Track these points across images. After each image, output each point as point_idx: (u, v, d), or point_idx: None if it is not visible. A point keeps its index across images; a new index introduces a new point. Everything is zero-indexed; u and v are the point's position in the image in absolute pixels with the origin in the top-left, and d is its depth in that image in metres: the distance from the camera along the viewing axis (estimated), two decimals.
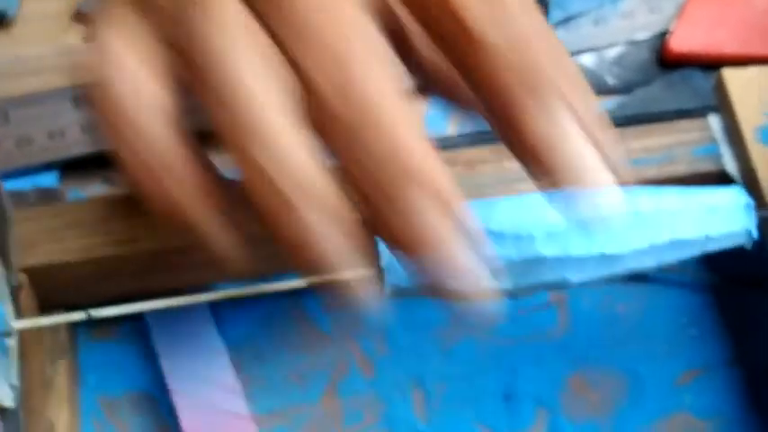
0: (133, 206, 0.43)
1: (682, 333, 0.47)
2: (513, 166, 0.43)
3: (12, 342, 0.38)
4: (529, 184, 0.43)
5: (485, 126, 0.51)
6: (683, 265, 0.48)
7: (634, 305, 0.48)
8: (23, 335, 0.39)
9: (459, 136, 0.51)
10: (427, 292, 0.34)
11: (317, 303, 0.48)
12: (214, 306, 0.47)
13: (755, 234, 0.37)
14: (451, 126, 0.52)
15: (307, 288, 0.47)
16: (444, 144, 0.49)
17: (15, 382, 0.37)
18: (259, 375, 0.46)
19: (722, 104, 0.45)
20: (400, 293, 0.36)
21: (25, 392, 0.38)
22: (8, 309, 0.38)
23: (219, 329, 0.47)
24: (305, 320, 0.48)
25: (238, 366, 0.46)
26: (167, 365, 0.45)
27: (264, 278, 0.42)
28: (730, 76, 0.45)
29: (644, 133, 0.46)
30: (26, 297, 0.42)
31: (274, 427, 0.45)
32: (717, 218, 0.38)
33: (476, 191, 0.44)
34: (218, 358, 0.46)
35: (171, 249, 0.43)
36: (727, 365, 0.47)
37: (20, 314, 0.39)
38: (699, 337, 0.47)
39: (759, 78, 0.45)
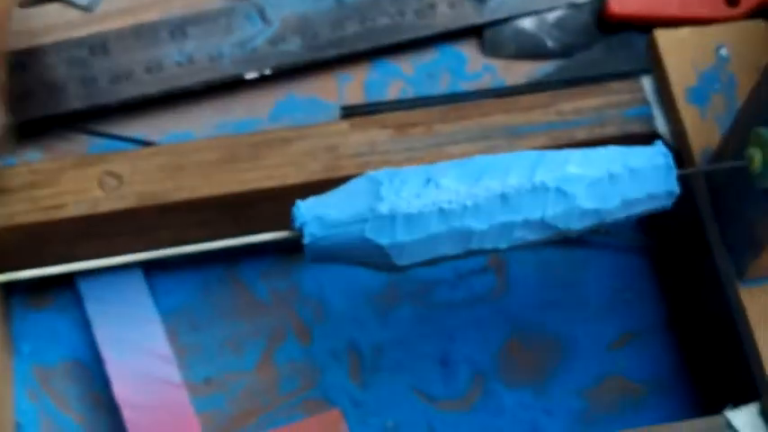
0: (61, 172, 0.43)
1: (617, 296, 0.47)
2: (443, 129, 0.43)
3: None
4: (458, 147, 0.43)
5: (425, 92, 0.52)
6: (619, 228, 0.48)
7: (570, 269, 0.48)
8: None
9: (397, 101, 0.51)
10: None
11: (254, 271, 0.48)
12: (148, 275, 0.47)
13: (677, 191, 0.37)
14: (392, 91, 0.52)
15: (243, 256, 0.48)
16: (379, 108, 0.49)
17: None
18: (194, 343, 0.46)
19: (654, 65, 0.45)
20: (320, 256, 0.36)
21: None
22: None
23: (154, 298, 0.47)
24: (241, 288, 0.47)
25: (173, 335, 0.46)
26: (100, 334, 0.45)
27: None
28: (662, 36, 0.45)
29: (576, 95, 0.46)
30: None
31: (209, 395, 0.45)
32: (639, 178, 0.37)
33: (406, 153, 0.44)
34: (151, 327, 0.46)
35: (99, 216, 0.42)
36: (661, 328, 0.47)
37: None
38: (633, 300, 0.47)
39: (692, 39, 0.45)
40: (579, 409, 0.45)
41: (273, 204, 0.43)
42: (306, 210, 0.36)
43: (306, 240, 0.35)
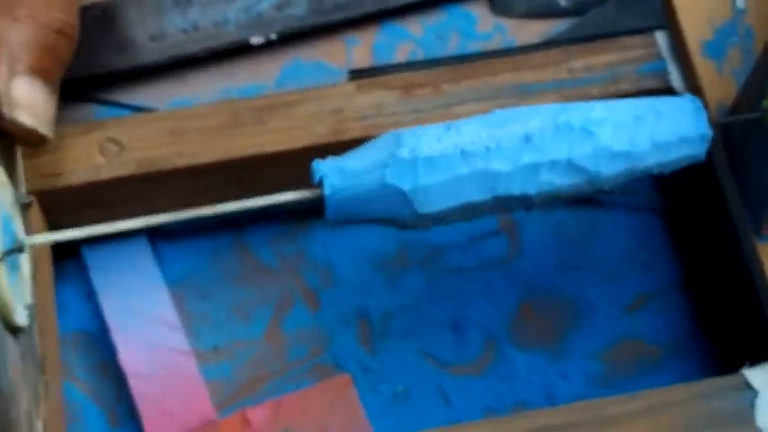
0: (61, 140, 0.42)
1: (632, 258, 0.47)
2: (450, 89, 0.43)
3: (24, 259, 0.37)
4: (467, 107, 0.42)
5: (434, 53, 0.51)
6: (634, 188, 0.47)
7: (584, 230, 0.48)
8: None
9: (406, 63, 0.50)
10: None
11: (262, 237, 0.47)
12: (154, 243, 0.47)
13: (710, 133, 0.36)
14: (400, 53, 0.51)
15: (250, 223, 0.47)
16: (387, 71, 0.48)
17: (30, 299, 0.37)
18: (201, 311, 0.46)
19: (669, 20, 0.44)
20: (342, 211, 0.36)
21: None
22: (19, 226, 0.37)
23: (160, 266, 0.46)
24: (248, 255, 0.47)
25: (180, 302, 0.46)
26: (106, 304, 0.45)
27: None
28: None
29: (588, 52, 0.45)
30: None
31: (217, 363, 0.45)
32: (669, 121, 0.37)
33: (414, 115, 0.43)
34: (158, 295, 0.46)
35: (101, 183, 0.42)
36: (677, 289, 0.46)
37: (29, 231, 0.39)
38: (649, 261, 0.47)
39: None
40: (595, 373, 0.45)
41: (279, 169, 0.43)
42: (325, 164, 0.35)
43: (326, 191, 0.35)
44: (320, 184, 0.35)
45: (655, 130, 0.36)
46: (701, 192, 0.44)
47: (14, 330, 0.35)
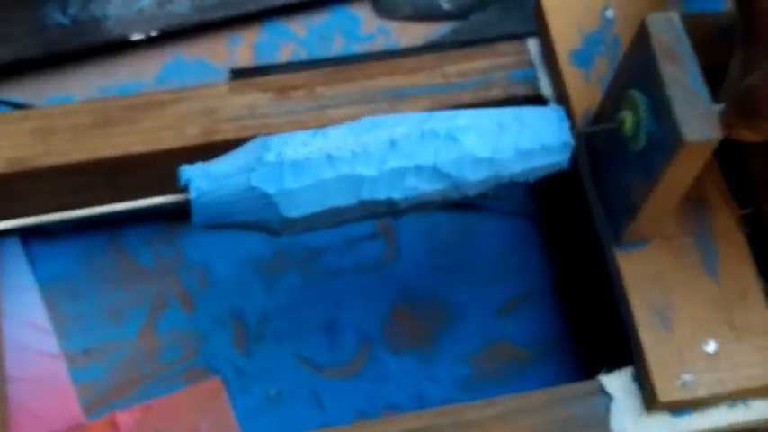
0: None
1: (505, 261, 0.48)
2: (326, 92, 0.43)
3: None
4: (341, 110, 0.43)
5: (318, 54, 0.51)
6: (508, 193, 0.48)
7: (459, 234, 0.48)
8: None
9: (288, 64, 0.51)
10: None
11: (137, 238, 0.47)
12: (26, 243, 0.46)
13: (571, 142, 0.37)
14: (284, 53, 0.51)
15: (126, 223, 0.47)
16: (269, 71, 0.49)
17: None
18: (73, 312, 0.46)
19: (540, 27, 0.45)
20: (208, 215, 0.35)
21: None
22: None
23: (32, 266, 0.46)
24: (124, 256, 0.47)
25: (52, 303, 0.45)
26: None
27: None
28: (547, 2, 0.45)
29: (462, 58, 0.46)
30: None
31: (88, 365, 0.45)
32: (532, 129, 0.37)
33: (287, 117, 0.43)
34: (28, 296, 0.45)
35: None
36: (547, 293, 0.47)
37: None
38: (521, 265, 0.48)
39: (578, 1, 0.45)
40: (464, 376, 0.46)
41: (150, 170, 0.43)
42: (192, 168, 0.35)
43: (192, 195, 0.35)
44: (186, 188, 0.35)
45: (518, 139, 0.37)
46: (571, 198, 0.45)
47: None
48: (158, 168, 0.42)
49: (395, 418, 0.40)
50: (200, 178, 0.35)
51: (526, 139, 0.37)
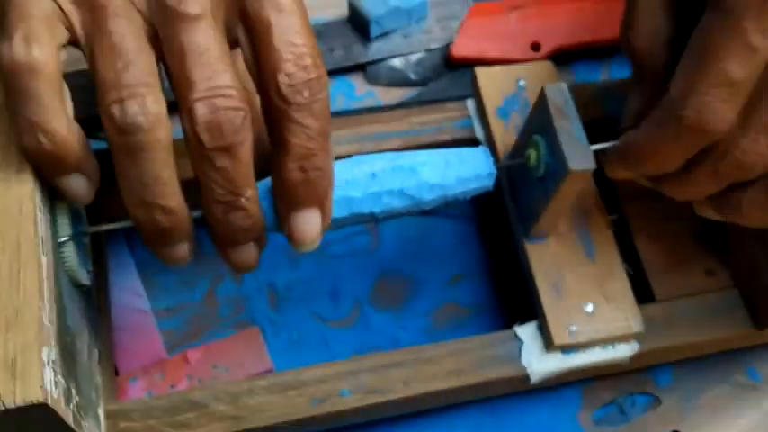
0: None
1: (453, 249, 0.48)
2: (332, 134, 0.43)
3: (86, 240, 0.36)
4: (340, 147, 0.43)
5: None
6: (455, 204, 0.48)
7: (422, 231, 0.48)
8: None
9: None
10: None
11: (203, 230, 0.47)
12: (127, 235, 0.46)
13: (495, 171, 0.37)
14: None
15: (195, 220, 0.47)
16: None
17: (90, 267, 0.36)
18: (160, 283, 0.46)
19: (475, 92, 0.45)
20: None
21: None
22: (84, 216, 0.36)
23: (131, 251, 0.46)
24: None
25: (145, 276, 0.46)
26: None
27: None
28: (480, 72, 0.45)
29: (423, 112, 0.46)
30: None
31: (169, 319, 0.45)
32: (469, 165, 0.38)
33: None
34: (128, 271, 0.46)
35: None
36: (481, 271, 0.47)
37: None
38: (463, 252, 0.48)
39: (501, 74, 0.45)
40: (425, 326, 0.46)
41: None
42: None
43: None
44: None
45: (459, 170, 0.37)
46: (497, 208, 0.46)
47: (80, 287, 0.35)
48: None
49: (377, 354, 0.40)
50: None
51: (464, 171, 0.37)
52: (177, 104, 0.29)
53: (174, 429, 0.36)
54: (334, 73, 0.53)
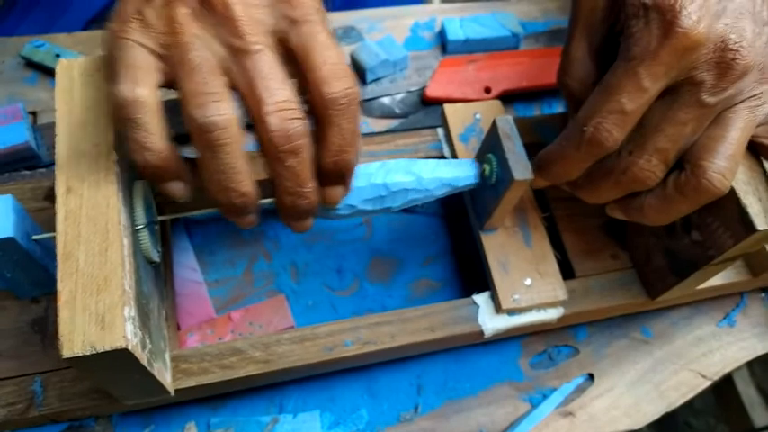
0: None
1: (426, 239, 0.47)
2: None
3: (157, 227, 0.35)
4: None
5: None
6: (430, 204, 0.48)
7: (404, 224, 0.48)
8: None
9: None
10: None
11: None
12: (186, 224, 0.45)
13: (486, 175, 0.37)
14: None
15: None
16: None
17: (159, 248, 0.35)
18: (210, 261, 0.45)
19: (443, 122, 0.45)
20: None
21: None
22: (154, 209, 0.35)
23: (189, 237, 0.45)
24: (235, 233, 0.46)
25: (199, 257, 0.45)
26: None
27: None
28: (447, 108, 0.45)
29: (405, 137, 0.45)
30: None
31: (217, 288, 0.44)
32: (459, 169, 0.37)
33: None
34: (187, 253, 0.45)
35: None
36: (448, 254, 0.47)
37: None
38: (434, 240, 0.47)
39: (462, 109, 0.45)
40: (406, 295, 0.45)
41: None
42: None
43: None
44: None
45: (451, 164, 0.37)
46: (459, 208, 0.45)
47: (152, 263, 0.34)
48: None
49: (371, 315, 0.39)
50: None
51: (454, 166, 0.37)
52: (252, 122, 0.29)
53: (221, 369, 0.36)
54: None
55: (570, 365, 0.43)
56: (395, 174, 0.35)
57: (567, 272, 0.42)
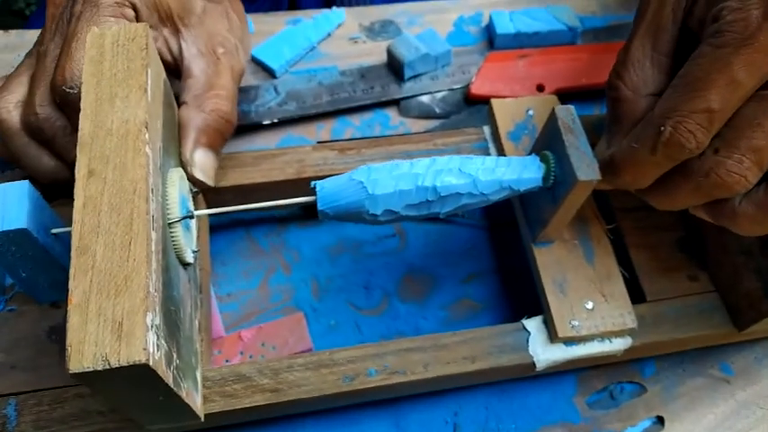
0: None
1: (468, 253, 0.42)
2: (368, 152, 0.38)
3: (192, 223, 0.32)
4: (377, 162, 0.37)
5: (366, 135, 0.46)
6: (472, 212, 0.42)
7: (443, 236, 0.43)
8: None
9: (348, 139, 0.45)
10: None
11: (260, 233, 0.42)
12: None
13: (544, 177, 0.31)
14: (346, 134, 0.46)
15: (255, 223, 0.42)
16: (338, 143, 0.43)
17: (195, 248, 0.31)
18: (223, 273, 0.40)
19: (490, 118, 0.40)
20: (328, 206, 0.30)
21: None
22: (191, 201, 0.32)
23: None
24: (252, 242, 0.42)
25: (211, 267, 0.40)
26: None
27: None
28: (496, 103, 0.39)
29: (446, 135, 0.40)
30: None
31: (229, 303, 0.39)
32: (522, 169, 0.31)
33: (344, 165, 0.38)
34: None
35: None
36: (492, 272, 0.41)
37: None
38: (477, 255, 0.42)
39: (513, 105, 0.40)
40: (443, 317, 0.39)
41: (264, 192, 0.37)
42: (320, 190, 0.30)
43: (317, 188, 0.30)
44: (314, 189, 0.30)
45: (511, 162, 0.31)
46: (505, 218, 0.40)
47: (185, 264, 0.30)
48: (269, 192, 0.37)
49: (401, 340, 0.34)
50: (321, 182, 0.30)
51: (516, 164, 0.31)
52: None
53: (222, 398, 0.31)
54: (373, 106, 0.47)
55: (635, 406, 0.37)
56: (446, 175, 0.30)
57: (636, 295, 0.35)
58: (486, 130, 0.40)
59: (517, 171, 0.30)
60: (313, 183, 0.30)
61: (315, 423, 0.36)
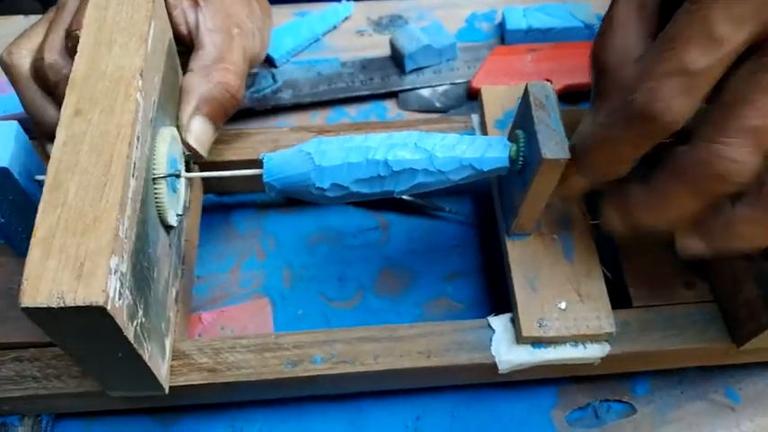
0: None
1: (452, 250, 0.39)
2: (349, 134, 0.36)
3: (181, 187, 0.31)
4: None
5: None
6: (461, 208, 0.40)
7: (425, 232, 0.40)
8: None
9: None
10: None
11: (239, 217, 0.41)
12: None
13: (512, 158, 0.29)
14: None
15: (233, 209, 0.41)
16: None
17: (180, 211, 0.31)
18: (197, 255, 0.39)
19: (480, 106, 0.37)
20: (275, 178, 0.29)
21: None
22: (182, 163, 0.31)
23: None
24: (229, 227, 0.41)
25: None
26: None
27: None
28: (485, 90, 0.38)
29: (432, 122, 0.39)
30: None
31: (199, 285, 0.38)
32: (486, 147, 0.29)
33: None
34: None
35: None
36: (478, 270, 0.39)
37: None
38: (462, 253, 0.39)
39: (503, 93, 0.37)
40: (418, 315, 0.37)
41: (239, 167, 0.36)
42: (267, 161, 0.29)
43: (264, 159, 0.29)
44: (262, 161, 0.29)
45: (475, 141, 0.29)
46: (489, 213, 0.37)
47: (167, 227, 0.30)
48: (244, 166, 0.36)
49: (354, 328, 0.32)
50: (270, 154, 0.29)
51: (480, 143, 0.29)
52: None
53: None
54: (371, 97, 0.46)
55: (622, 428, 0.33)
56: (400, 149, 0.27)
57: (622, 299, 0.32)
58: (475, 118, 0.38)
59: (480, 149, 0.28)
60: (261, 154, 0.28)
61: (264, 414, 0.34)
